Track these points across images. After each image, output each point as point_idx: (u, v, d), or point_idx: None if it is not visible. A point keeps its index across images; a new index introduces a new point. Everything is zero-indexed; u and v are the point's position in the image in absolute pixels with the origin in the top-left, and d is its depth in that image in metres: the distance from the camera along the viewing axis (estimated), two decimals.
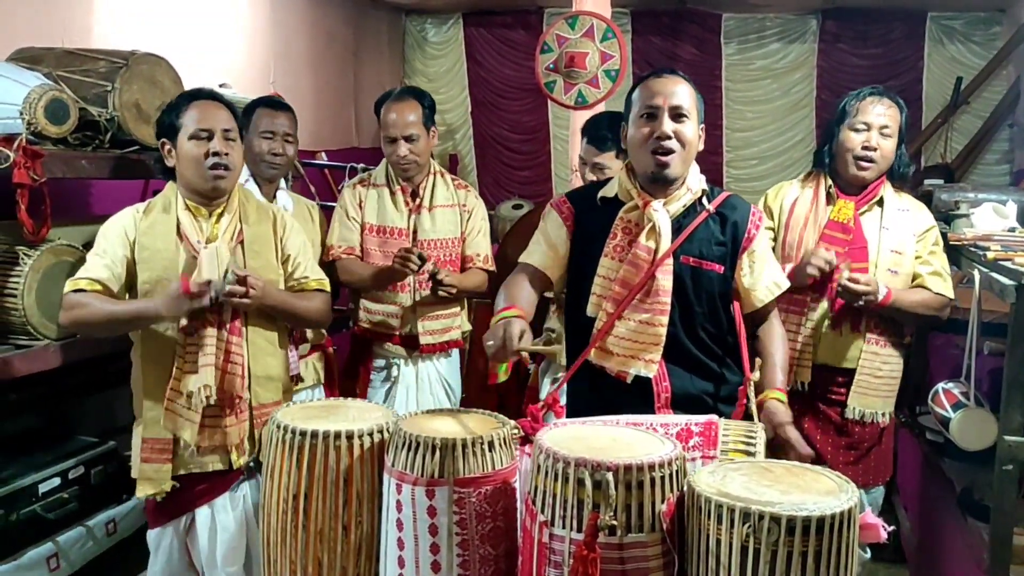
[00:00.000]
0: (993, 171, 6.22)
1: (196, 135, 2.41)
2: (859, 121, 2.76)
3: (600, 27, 4.25)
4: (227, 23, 5.10)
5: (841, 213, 2.78)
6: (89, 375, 3.24)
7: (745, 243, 2.28)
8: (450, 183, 3.31)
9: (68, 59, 3.06)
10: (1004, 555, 2.36)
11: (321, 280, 2.65)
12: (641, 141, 2.20)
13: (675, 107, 2.18)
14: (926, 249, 2.79)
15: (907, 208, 2.82)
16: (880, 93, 2.80)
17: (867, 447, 2.84)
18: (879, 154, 2.74)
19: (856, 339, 2.77)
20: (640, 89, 2.25)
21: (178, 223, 2.44)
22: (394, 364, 3.26)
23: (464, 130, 7.47)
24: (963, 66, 6.28)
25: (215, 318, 2.37)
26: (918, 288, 2.76)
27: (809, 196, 2.85)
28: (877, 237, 2.77)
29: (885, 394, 2.80)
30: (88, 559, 2.98)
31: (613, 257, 2.24)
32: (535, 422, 1.95)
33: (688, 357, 2.25)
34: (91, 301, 2.33)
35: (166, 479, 2.42)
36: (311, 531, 1.90)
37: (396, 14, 7.35)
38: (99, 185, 3.70)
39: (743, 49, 6.81)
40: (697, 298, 2.24)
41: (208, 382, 2.34)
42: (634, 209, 2.24)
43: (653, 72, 2.28)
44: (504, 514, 1.81)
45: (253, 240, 2.52)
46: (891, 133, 2.76)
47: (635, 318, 2.20)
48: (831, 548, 1.48)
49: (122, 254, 2.41)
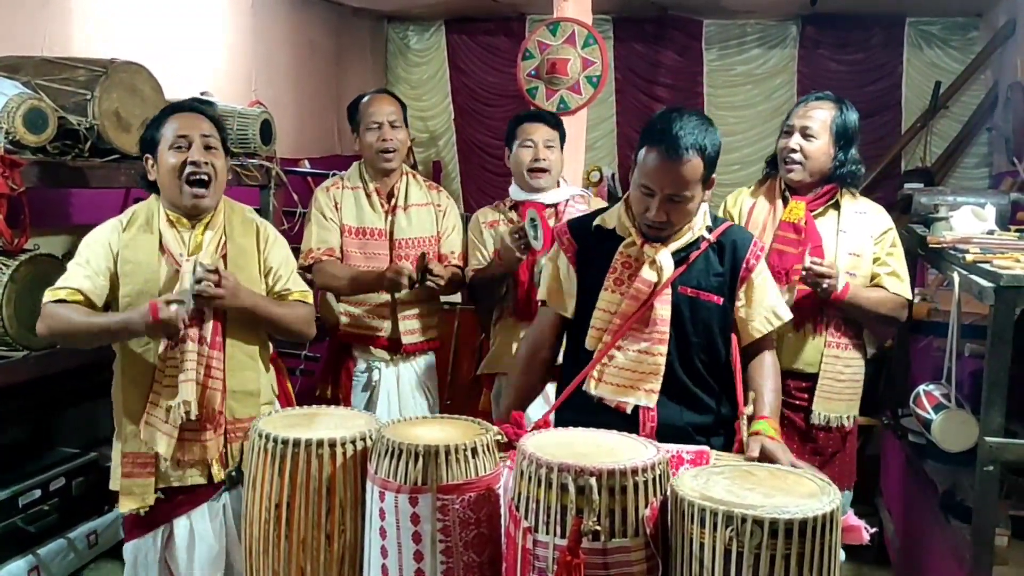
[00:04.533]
0: (972, 174, 6.26)
1: (174, 144, 2.38)
2: (787, 124, 2.84)
3: (582, 33, 4.26)
4: (208, 31, 5.08)
5: (792, 214, 2.80)
6: (70, 386, 3.22)
7: (744, 273, 2.25)
8: (422, 183, 3.34)
9: (47, 67, 3.04)
10: (986, 555, 2.37)
11: (303, 292, 2.61)
12: (638, 210, 2.19)
13: (671, 195, 2.12)
14: (884, 250, 2.81)
15: (864, 211, 2.84)
16: (817, 97, 2.85)
17: (831, 452, 2.86)
18: (800, 155, 2.77)
19: (816, 341, 2.79)
20: (644, 154, 2.13)
21: (160, 236, 2.41)
22: (375, 367, 3.25)
23: (447, 137, 7.46)
24: (942, 71, 6.33)
25: (196, 333, 2.34)
26: (876, 287, 2.79)
27: (766, 200, 2.89)
28: (834, 240, 2.79)
29: (848, 398, 2.82)
30: (69, 571, 2.97)
31: (613, 291, 2.22)
32: (518, 428, 1.95)
33: (681, 388, 2.23)
34: (72, 312, 2.29)
35: (149, 493, 2.39)
36: (294, 540, 1.89)
37: (378, 21, 7.34)
38: (79, 194, 3.68)
39: (724, 55, 6.84)
40: (694, 328, 2.22)
41: (188, 398, 2.31)
42: (633, 245, 2.22)
43: (665, 140, 2.08)
44: (488, 521, 1.80)
45: (237, 254, 2.48)
46: (814, 134, 2.77)
47: (634, 348, 2.19)
48: (814, 550, 1.48)
49: (105, 266, 2.37)
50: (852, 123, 2.80)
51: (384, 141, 3.16)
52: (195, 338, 2.34)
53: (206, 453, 2.39)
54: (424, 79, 7.47)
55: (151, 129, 2.44)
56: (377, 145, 3.17)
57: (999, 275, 2.30)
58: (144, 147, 2.45)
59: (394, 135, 3.17)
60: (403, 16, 7.30)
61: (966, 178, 6.26)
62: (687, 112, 2.15)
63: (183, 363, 2.33)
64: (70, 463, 3.10)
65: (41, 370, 2.81)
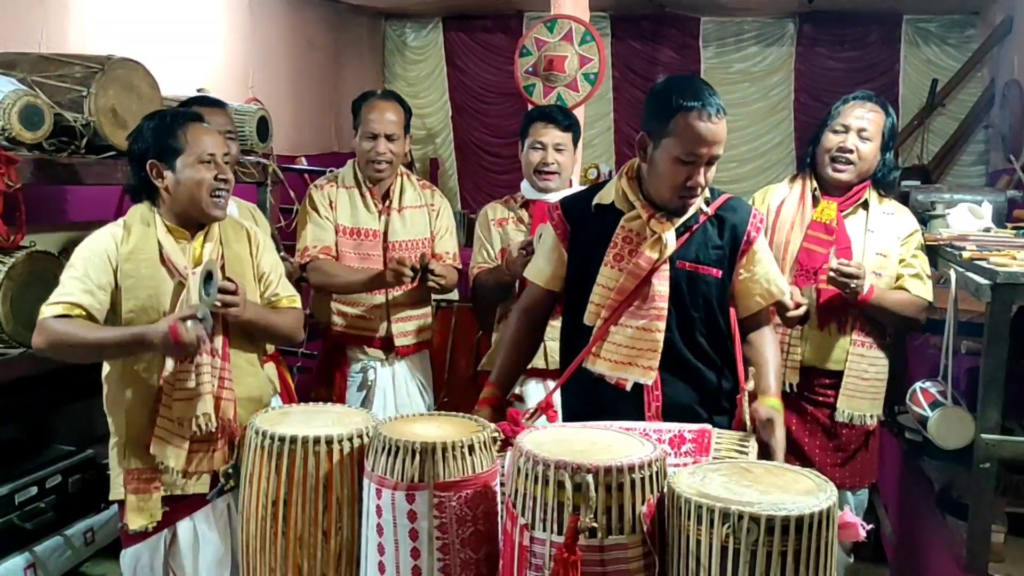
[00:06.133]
0: (969, 172, 6.28)
1: (203, 159, 2.30)
2: (839, 123, 2.79)
3: (579, 30, 4.25)
4: (205, 28, 5.07)
5: (824, 214, 2.80)
6: (66, 384, 3.21)
7: (744, 246, 2.24)
8: (415, 184, 3.32)
9: (43, 64, 3.03)
10: (982, 552, 2.37)
11: (292, 297, 2.57)
12: (673, 182, 2.12)
13: (715, 156, 2.10)
14: (909, 252, 2.81)
15: (892, 212, 2.84)
16: (866, 98, 2.83)
17: (854, 449, 2.87)
18: (856, 155, 2.76)
19: (842, 340, 2.79)
20: (684, 122, 2.06)
21: (160, 247, 2.33)
22: (370, 368, 3.24)
23: (444, 134, 7.46)
24: (938, 68, 6.34)
25: (208, 346, 2.29)
26: (899, 289, 2.79)
27: (796, 198, 2.87)
28: (862, 240, 2.79)
29: (872, 396, 2.82)
30: (66, 569, 2.96)
31: (612, 266, 2.20)
32: (515, 425, 1.95)
33: (685, 364, 2.22)
34: (76, 327, 2.21)
35: (157, 508, 2.36)
36: (291, 537, 1.89)
37: (376, 19, 7.34)
38: (75, 191, 3.67)
39: (721, 53, 6.85)
40: (693, 304, 2.21)
41: (208, 410, 2.29)
42: (636, 218, 2.19)
43: (702, 101, 2.06)
44: (485, 518, 1.80)
45: (233, 261, 2.44)
46: (870, 136, 2.77)
47: (632, 324, 2.17)
48: (810, 547, 1.48)
49: (106, 281, 2.28)
50: (895, 126, 2.83)
51: (378, 154, 3.13)
52: (208, 351, 2.30)
53: (214, 463, 2.37)
54: (421, 76, 7.47)
55: (164, 136, 2.31)
56: (370, 155, 3.14)
57: (995, 272, 2.30)
58: (154, 153, 2.31)
59: (389, 147, 3.13)
60: (401, 13, 7.30)
61: (963, 175, 6.28)
62: (691, 77, 2.18)
63: (199, 376, 2.29)
64: (66, 460, 3.09)
65: (37, 367, 2.80)
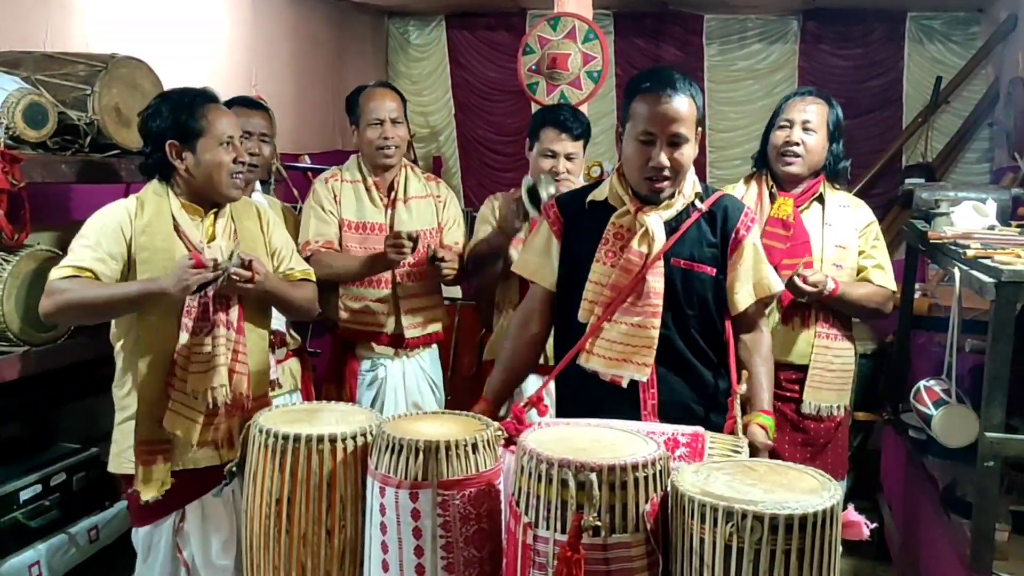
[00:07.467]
0: (973, 170, 6.26)
1: (225, 140, 2.40)
2: (784, 119, 2.87)
3: (582, 28, 4.25)
4: (209, 26, 5.07)
5: (780, 210, 2.84)
6: (70, 382, 3.22)
7: (734, 243, 2.24)
8: (420, 175, 3.33)
9: (47, 63, 3.03)
10: (986, 551, 2.37)
11: (306, 271, 2.68)
12: (637, 164, 2.16)
13: (673, 135, 2.12)
14: (868, 243, 2.87)
15: (847, 204, 2.91)
16: (807, 93, 2.92)
17: (823, 443, 2.89)
18: (802, 148, 2.82)
19: (806, 334, 2.82)
20: (639, 104, 2.15)
21: (175, 222, 2.41)
22: (380, 365, 3.24)
23: (448, 132, 7.45)
24: (943, 66, 6.32)
25: (224, 318, 2.36)
26: (863, 281, 2.84)
27: (753, 196, 2.92)
28: (820, 233, 2.83)
29: (839, 387, 2.86)
30: (70, 567, 2.96)
31: (604, 262, 2.21)
32: (519, 423, 1.95)
33: (682, 361, 2.23)
34: (85, 285, 2.27)
35: (166, 478, 2.39)
36: (294, 536, 1.89)
37: (379, 16, 7.33)
38: (79, 190, 3.67)
39: (725, 50, 6.83)
40: (688, 301, 2.22)
41: (224, 382, 2.35)
42: (626, 214, 2.21)
43: (653, 82, 2.14)
44: (488, 516, 1.80)
45: (246, 236, 2.53)
46: (815, 128, 2.82)
47: (627, 321, 2.18)
48: (814, 546, 1.48)
49: (118, 251, 2.35)
50: (841, 118, 2.88)
51: (386, 139, 3.14)
52: (224, 323, 2.37)
53: (220, 435, 2.42)
54: (425, 74, 7.46)
55: (184, 117, 2.38)
56: (378, 142, 3.15)
57: (1000, 271, 2.30)
58: (172, 134, 2.38)
59: (395, 132, 3.16)
60: (404, 11, 7.29)
61: (967, 173, 6.25)
62: (658, 68, 2.26)
63: (215, 348, 2.35)
64: (71, 458, 3.09)
65: (41, 365, 2.81)
